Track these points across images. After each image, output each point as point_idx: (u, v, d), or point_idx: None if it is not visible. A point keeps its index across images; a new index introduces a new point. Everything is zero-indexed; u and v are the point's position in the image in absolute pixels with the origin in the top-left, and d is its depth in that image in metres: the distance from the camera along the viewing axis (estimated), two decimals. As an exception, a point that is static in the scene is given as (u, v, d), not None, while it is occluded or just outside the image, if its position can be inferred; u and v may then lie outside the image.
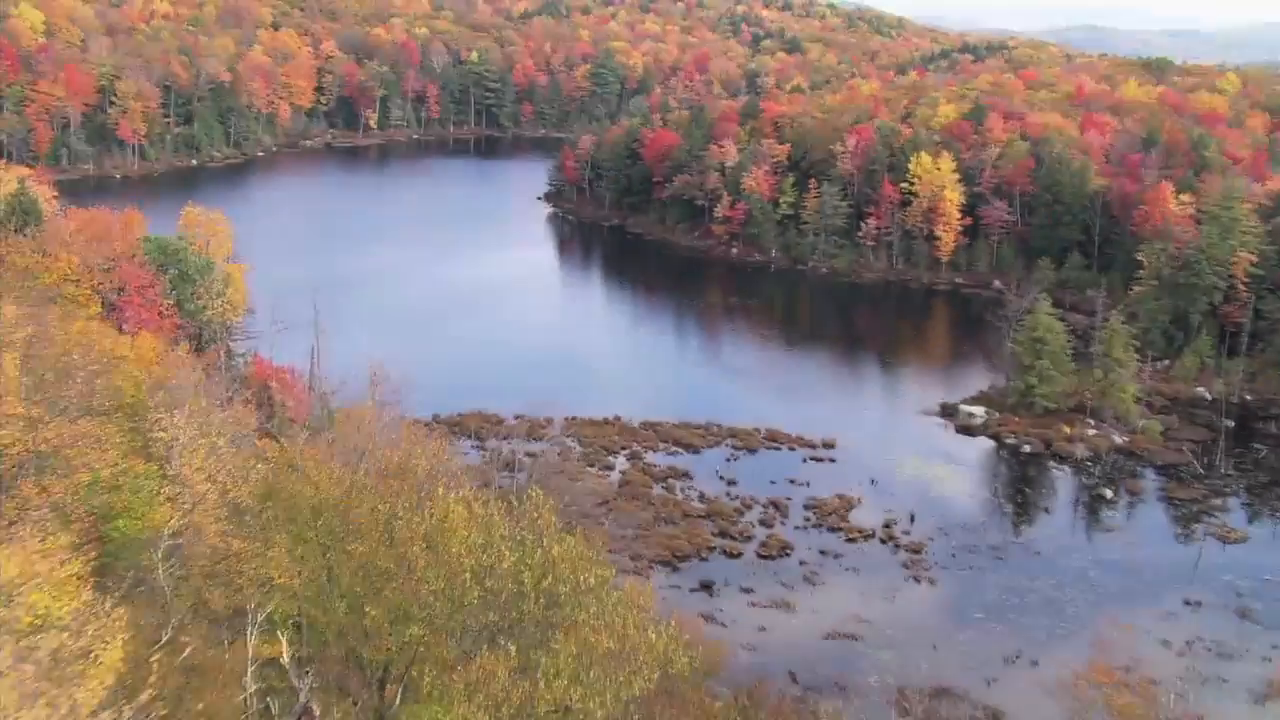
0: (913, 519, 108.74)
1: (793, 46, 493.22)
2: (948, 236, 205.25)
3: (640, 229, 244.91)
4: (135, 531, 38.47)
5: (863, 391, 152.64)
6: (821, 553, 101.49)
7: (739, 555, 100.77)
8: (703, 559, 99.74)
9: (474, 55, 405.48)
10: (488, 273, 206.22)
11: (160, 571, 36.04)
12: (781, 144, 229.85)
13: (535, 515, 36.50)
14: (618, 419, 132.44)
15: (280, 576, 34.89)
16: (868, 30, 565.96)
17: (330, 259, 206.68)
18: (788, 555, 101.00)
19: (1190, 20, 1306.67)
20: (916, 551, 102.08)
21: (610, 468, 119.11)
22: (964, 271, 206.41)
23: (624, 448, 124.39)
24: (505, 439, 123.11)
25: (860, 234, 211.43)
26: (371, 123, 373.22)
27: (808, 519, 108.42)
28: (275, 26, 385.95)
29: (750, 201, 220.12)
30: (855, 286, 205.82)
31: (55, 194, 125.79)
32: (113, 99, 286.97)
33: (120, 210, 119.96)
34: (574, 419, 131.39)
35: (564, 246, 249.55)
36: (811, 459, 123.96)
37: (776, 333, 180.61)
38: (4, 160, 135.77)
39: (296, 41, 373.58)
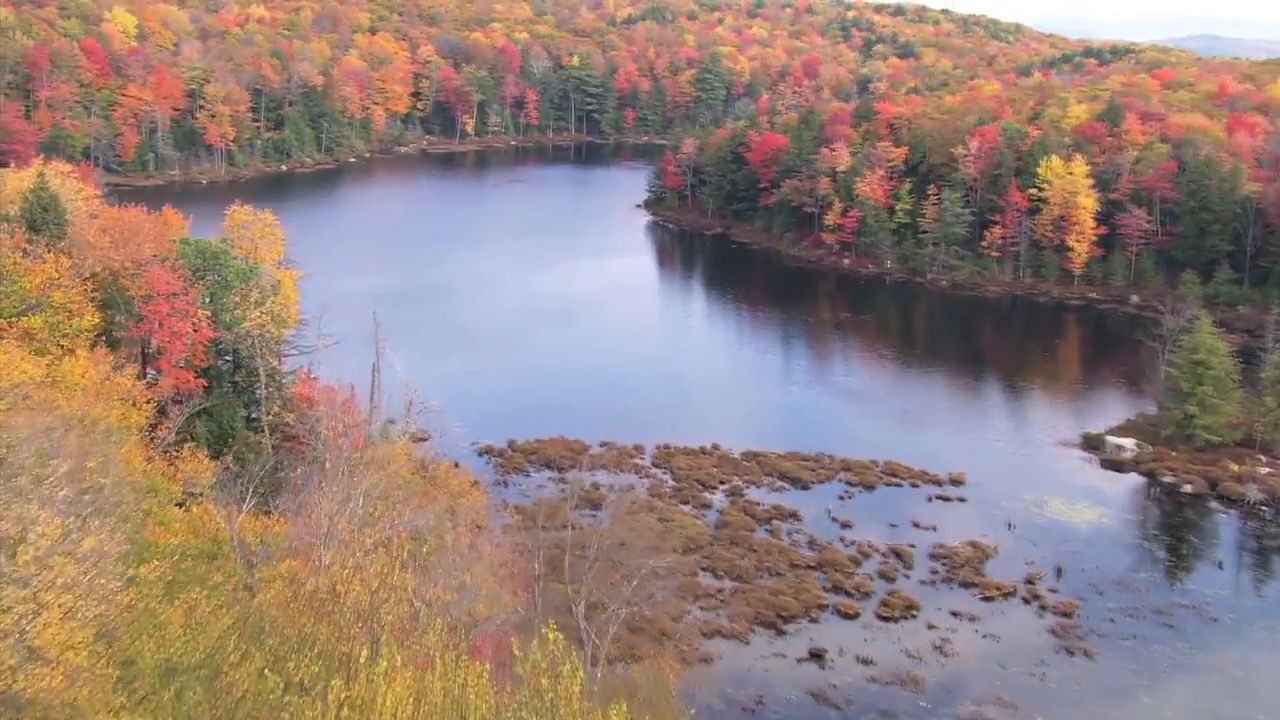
0: (1059, 573, 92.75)
1: (906, 51, 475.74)
2: (1080, 247, 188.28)
3: (745, 238, 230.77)
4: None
5: (991, 418, 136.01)
6: (954, 614, 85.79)
7: (856, 616, 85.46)
8: (813, 620, 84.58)
9: (575, 60, 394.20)
10: (581, 283, 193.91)
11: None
12: (898, 147, 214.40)
13: (544, 678, 21.46)
14: (716, 448, 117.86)
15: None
16: (984, 35, 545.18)
17: (418, 268, 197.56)
18: (913, 617, 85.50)
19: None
20: (1067, 614, 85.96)
21: (706, 506, 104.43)
22: (1098, 285, 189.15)
23: (723, 481, 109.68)
24: (588, 470, 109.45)
25: (984, 244, 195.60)
26: (469, 129, 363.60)
27: (935, 572, 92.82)
28: (373, 31, 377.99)
29: (864, 208, 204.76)
30: (978, 301, 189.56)
31: (99, 193, 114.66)
32: (201, 103, 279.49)
33: (157, 210, 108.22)
34: (667, 447, 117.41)
35: (663, 256, 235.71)
36: (937, 497, 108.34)
37: (892, 352, 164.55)
38: (40, 156, 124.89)
39: (393, 46, 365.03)
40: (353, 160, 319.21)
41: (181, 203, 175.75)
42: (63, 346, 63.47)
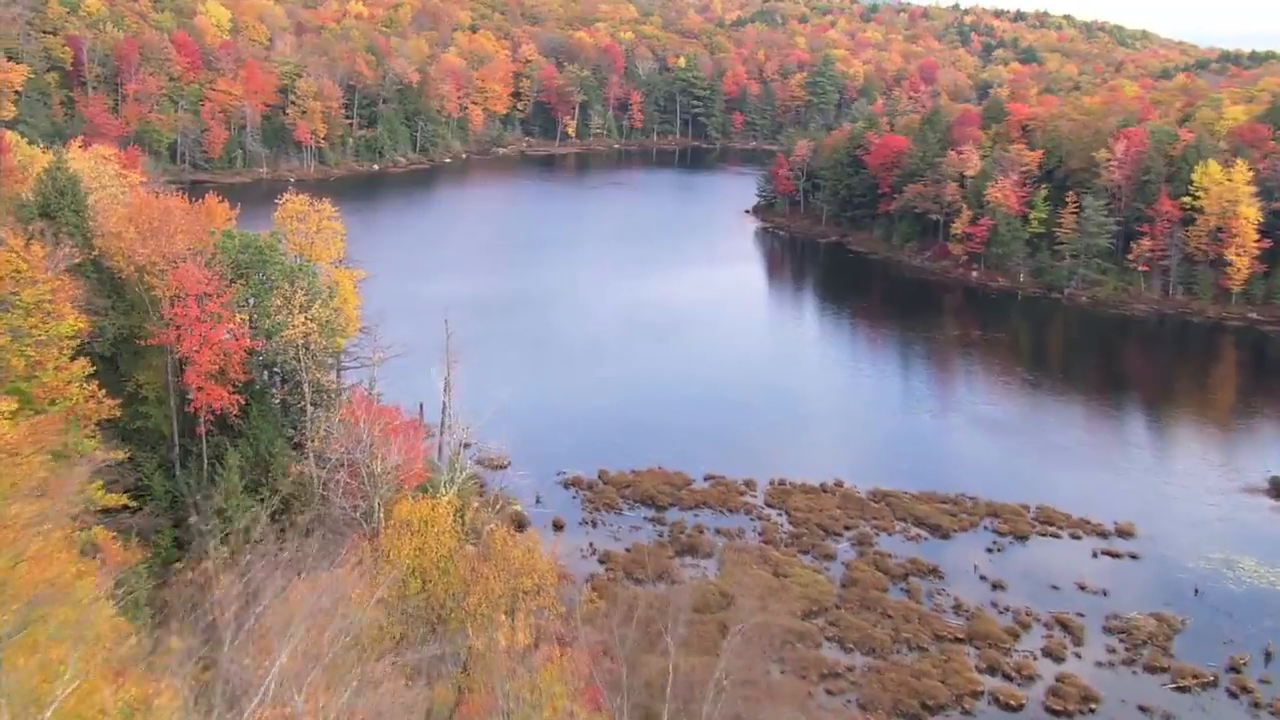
0: (1269, 657, 75.50)
1: (1028, 56, 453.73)
2: (1241, 262, 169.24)
3: (862, 247, 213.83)
4: None
5: (1153, 456, 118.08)
6: (1142, 710, 69.10)
7: (1019, 708, 69.15)
8: (965, 711, 68.45)
9: (681, 61, 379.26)
10: (685, 293, 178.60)
11: None
12: (1032, 150, 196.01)
13: None
14: (839, 485, 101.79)
15: None
16: (1109, 41, 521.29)
17: (511, 272, 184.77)
18: (1092, 711, 68.94)
19: None
20: (1287, 715, 68.96)
21: (830, 557, 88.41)
22: (1261, 304, 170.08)
23: (848, 527, 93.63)
24: (690, 509, 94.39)
25: (1130, 257, 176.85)
26: (570, 130, 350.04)
27: (1112, 650, 76.00)
28: (473, 29, 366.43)
29: (995, 216, 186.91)
30: (1122, 320, 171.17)
31: (141, 180, 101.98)
32: (292, 99, 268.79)
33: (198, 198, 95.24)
34: (782, 482, 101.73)
35: (773, 265, 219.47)
36: (1104, 553, 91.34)
37: (1029, 375, 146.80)
38: (80, 137, 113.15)
39: (494, 44, 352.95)
40: (448, 161, 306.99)
41: (269, 201, 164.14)
42: (29, 357, 49.86)
